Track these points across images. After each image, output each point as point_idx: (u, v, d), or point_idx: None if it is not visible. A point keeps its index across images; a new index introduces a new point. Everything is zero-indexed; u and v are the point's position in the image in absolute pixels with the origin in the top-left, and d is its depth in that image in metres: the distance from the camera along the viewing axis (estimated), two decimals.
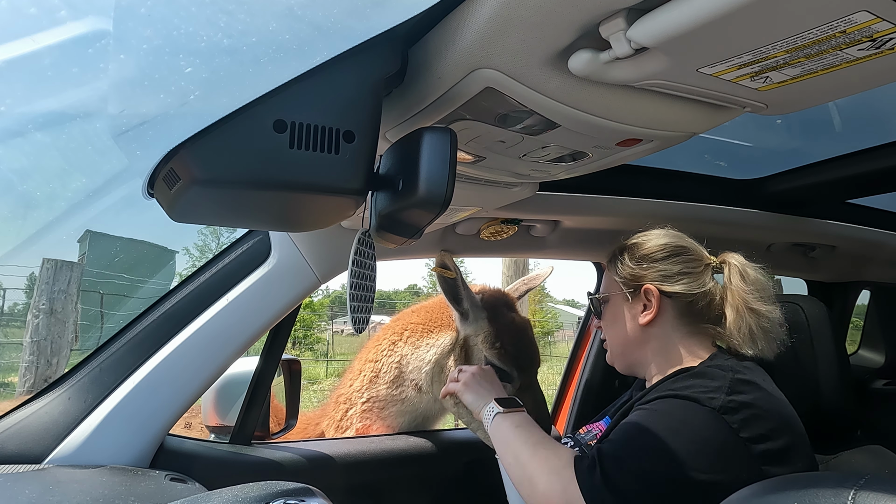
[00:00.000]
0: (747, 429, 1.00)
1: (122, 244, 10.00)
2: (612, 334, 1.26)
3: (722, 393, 1.03)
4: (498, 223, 1.61)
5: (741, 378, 1.08)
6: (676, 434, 1.00)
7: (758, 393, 1.06)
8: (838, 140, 1.72)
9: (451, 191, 0.67)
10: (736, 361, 1.13)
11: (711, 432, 0.99)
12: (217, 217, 0.80)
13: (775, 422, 1.03)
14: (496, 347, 1.57)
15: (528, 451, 1.10)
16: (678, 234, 1.25)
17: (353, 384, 1.77)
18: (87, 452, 1.19)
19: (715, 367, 1.11)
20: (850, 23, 0.53)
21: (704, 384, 1.06)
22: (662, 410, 1.05)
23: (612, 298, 1.25)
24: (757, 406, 1.03)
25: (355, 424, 1.72)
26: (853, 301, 2.49)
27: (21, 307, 10.13)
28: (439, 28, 0.70)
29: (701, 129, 0.86)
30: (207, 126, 0.62)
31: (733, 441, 0.99)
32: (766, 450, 1.00)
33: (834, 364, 1.48)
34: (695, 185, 1.68)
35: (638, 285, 1.20)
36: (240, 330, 1.35)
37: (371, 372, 1.74)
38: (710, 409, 1.00)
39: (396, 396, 1.72)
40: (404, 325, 1.77)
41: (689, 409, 1.02)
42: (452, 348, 1.65)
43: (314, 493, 0.89)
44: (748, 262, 1.21)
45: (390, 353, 1.74)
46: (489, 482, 1.58)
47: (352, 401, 1.75)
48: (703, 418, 1.00)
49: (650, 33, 0.57)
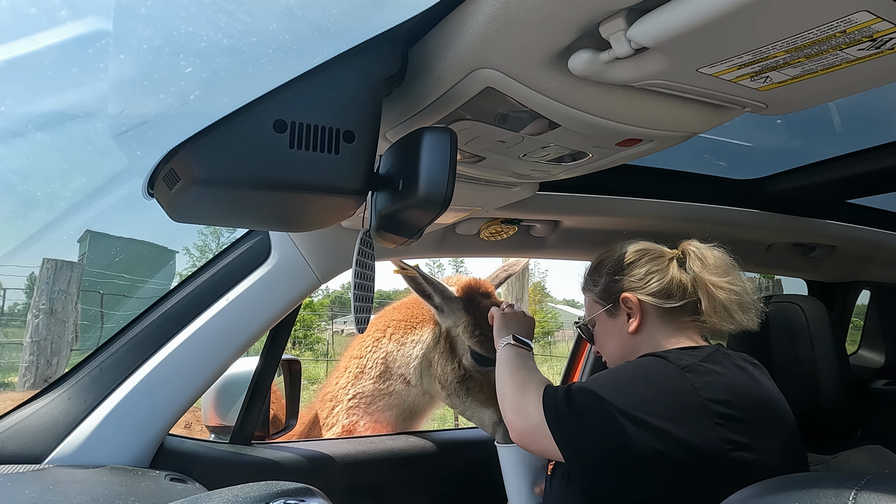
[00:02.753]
0: (709, 390, 1.02)
1: (122, 244, 10.01)
2: (607, 352, 1.30)
3: (696, 359, 1.07)
4: (498, 223, 1.61)
5: (721, 354, 1.11)
6: (637, 378, 1.08)
7: (735, 370, 1.08)
8: (838, 140, 1.72)
9: (451, 191, 0.67)
10: (732, 351, 1.16)
11: (670, 384, 1.03)
12: (217, 217, 0.80)
13: (743, 394, 1.04)
14: (476, 335, 1.58)
15: (511, 370, 1.26)
16: (636, 241, 1.29)
17: (339, 381, 1.78)
18: (87, 452, 1.19)
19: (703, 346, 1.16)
20: (850, 23, 0.53)
21: (682, 352, 1.11)
22: (634, 362, 1.13)
23: (597, 319, 1.29)
24: (726, 375, 1.06)
25: (341, 421, 1.73)
26: (853, 301, 2.49)
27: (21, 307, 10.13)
28: (439, 28, 0.70)
29: (701, 129, 0.86)
30: (207, 126, 0.62)
31: (692, 397, 1.01)
32: (727, 413, 1.00)
33: (834, 364, 1.48)
34: (695, 185, 1.68)
35: (615, 298, 1.23)
36: (240, 330, 1.35)
37: (356, 368, 1.76)
38: (676, 366, 1.05)
39: (384, 390, 1.73)
40: (387, 322, 1.78)
41: (656, 363, 1.08)
42: (437, 342, 1.66)
43: (314, 493, 0.89)
44: (704, 244, 1.25)
45: (374, 350, 1.75)
46: (489, 482, 1.58)
47: (338, 398, 1.76)
48: (667, 372, 1.05)
49: (650, 33, 0.57)
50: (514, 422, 1.15)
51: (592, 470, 1.02)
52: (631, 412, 1.01)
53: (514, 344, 1.33)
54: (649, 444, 0.98)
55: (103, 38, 0.69)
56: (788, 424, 1.09)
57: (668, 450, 0.98)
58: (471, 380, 1.61)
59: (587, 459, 1.03)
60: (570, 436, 1.05)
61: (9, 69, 0.85)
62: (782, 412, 1.10)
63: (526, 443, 1.14)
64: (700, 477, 0.98)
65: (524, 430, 1.13)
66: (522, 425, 1.13)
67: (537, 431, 1.09)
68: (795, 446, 1.09)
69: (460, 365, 1.61)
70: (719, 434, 0.99)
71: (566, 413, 1.07)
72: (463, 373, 1.61)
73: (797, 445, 1.09)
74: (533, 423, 1.10)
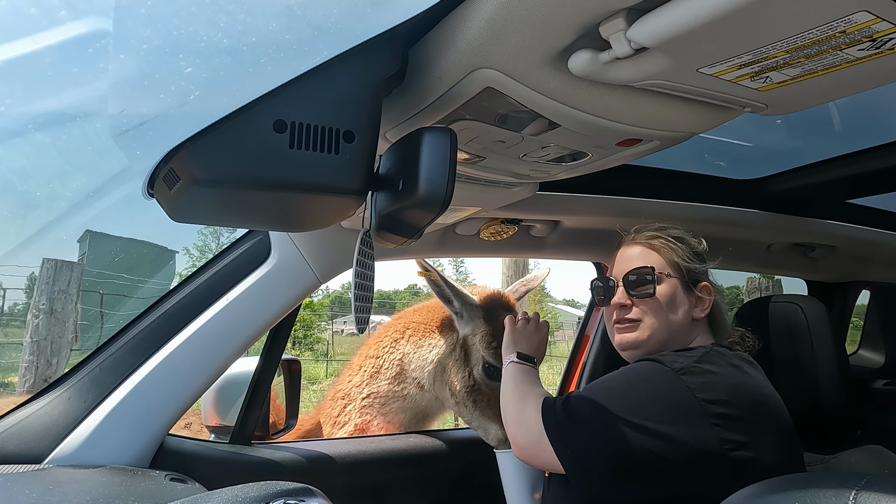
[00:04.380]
0: (705, 391, 1.02)
1: (122, 244, 10.02)
2: (659, 316, 1.20)
3: (690, 360, 1.08)
4: (498, 223, 1.61)
5: (715, 353, 1.12)
6: (633, 383, 1.08)
7: (730, 369, 1.09)
8: (838, 140, 1.72)
9: (451, 191, 0.67)
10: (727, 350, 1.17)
11: (666, 387, 1.04)
12: (217, 217, 0.80)
13: (737, 389, 1.05)
14: (492, 347, 1.58)
15: (513, 385, 1.25)
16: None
17: (353, 380, 1.77)
18: (87, 452, 1.19)
19: (698, 347, 1.17)
20: (850, 23, 0.53)
21: (677, 354, 1.12)
22: (629, 367, 1.14)
23: (667, 281, 1.22)
24: (721, 375, 1.06)
25: (354, 419, 1.72)
26: (853, 301, 2.48)
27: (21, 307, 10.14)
28: (439, 28, 0.70)
29: (701, 129, 0.86)
30: (207, 126, 0.62)
31: (687, 398, 1.02)
32: (723, 413, 1.01)
33: (834, 364, 1.48)
34: (695, 185, 1.68)
35: (696, 280, 1.23)
36: (240, 330, 1.35)
37: (372, 368, 1.75)
38: (670, 370, 1.06)
39: (398, 393, 1.73)
40: (406, 324, 1.77)
41: (651, 368, 1.09)
42: (453, 349, 1.66)
43: (314, 493, 0.89)
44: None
45: (392, 350, 1.74)
46: (489, 482, 1.58)
47: (351, 396, 1.75)
48: (661, 376, 1.06)
49: (650, 33, 0.57)
50: (516, 436, 1.15)
51: (594, 478, 1.02)
52: (629, 417, 1.01)
53: (517, 362, 1.32)
54: (649, 447, 0.98)
55: (103, 38, 0.69)
56: (784, 421, 1.10)
57: (668, 452, 0.98)
58: (478, 392, 1.60)
59: (588, 468, 1.03)
60: (571, 446, 1.05)
61: (9, 69, 0.85)
62: (778, 409, 1.10)
63: (528, 457, 1.14)
64: (700, 477, 0.99)
65: (525, 445, 1.13)
66: (524, 440, 1.13)
67: (538, 445, 1.09)
68: (792, 443, 1.09)
69: (470, 375, 1.61)
70: (717, 434, 0.99)
71: (565, 423, 1.07)
72: (472, 383, 1.61)
73: (794, 442, 1.10)
74: (534, 437, 1.10)
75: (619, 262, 1.27)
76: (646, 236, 1.28)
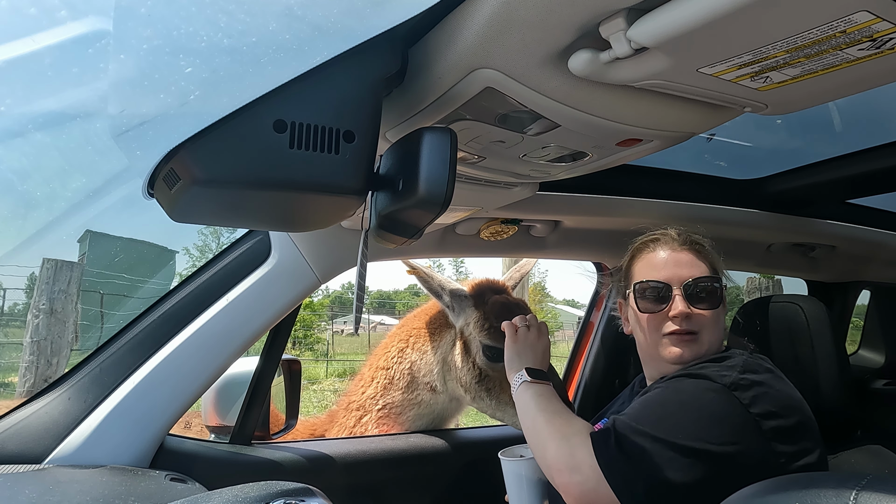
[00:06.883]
0: (757, 405, 1.01)
1: (122, 244, 10.02)
2: (717, 328, 1.18)
3: (735, 371, 1.05)
4: (498, 223, 1.61)
5: (754, 360, 1.11)
6: (687, 407, 1.03)
7: (769, 374, 1.08)
8: (838, 140, 1.72)
9: (451, 191, 0.67)
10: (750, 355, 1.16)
11: (721, 406, 1.01)
12: (217, 217, 0.80)
13: (785, 401, 1.05)
14: (486, 329, 1.59)
15: (544, 418, 1.13)
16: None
17: (367, 391, 1.78)
18: (87, 452, 1.19)
19: (729, 353, 1.14)
20: (850, 23, 0.53)
21: (718, 365, 1.09)
22: (675, 387, 1.08)
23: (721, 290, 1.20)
24: (767, 385, 1.05)
25: (371, 431, 1.74)
26: (853, 301, 2.49)
27: (21, 307, 10.14)
28: (439, 28, 0.70)
29: (701, 129, 0.86)
30: (207, 126, 0.62)
31: (744, 416, 1.00)
32: (776, 427, 1.01)
33: (834, 364, 1.48)
34: (695, 185, 1.68)
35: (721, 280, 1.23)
36: (240, 330, 1.35)
37: (384, 379, 1.77)
38: (722, 386, 1.03)
39: (412, 400, 1.75)
40: (409, 332, 1.80)
41: (701, 386, 1.05)
42: (453, 344, 1.68)
43: (314, 493, 0.89)
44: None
45: (400, 360, 1.76)
46: (489, 482, 1.58)
47: (366, 408, 1.77)
48: (714, 394, 1.03)
49: (650, 33, 0.57)
50: (569, 485, 1.03)
51: None
52: (692, 445, 0.97)
53: (531, 381, 1.22)
54: (715, 472, 0.96)
55: (103, 38, 0.69)
56: (809, 413, 1.10)
57: (733, 475, 0.92)
58: (488, 379, 1.61)
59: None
60: (633, 486, 0.98)
61: (9, 69, 0.85)
62: (805, 404, 1.10)
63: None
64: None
65: (581, 494, 1.01)
66: (579, 488, 1.01)
67: (596, 492, 0.99)
68: (819, 435, 1.10)
69: (475, 365, 1.62)
70: (773, 448, 1.00)
71: (621, 461, 0.99)
72: (478, 372, 1.61)
73: (819, 434, 1.10)
74: (591, 485, 1.00)
75: (669, 267, 1.19)
76: (690, 240, 1.22)
